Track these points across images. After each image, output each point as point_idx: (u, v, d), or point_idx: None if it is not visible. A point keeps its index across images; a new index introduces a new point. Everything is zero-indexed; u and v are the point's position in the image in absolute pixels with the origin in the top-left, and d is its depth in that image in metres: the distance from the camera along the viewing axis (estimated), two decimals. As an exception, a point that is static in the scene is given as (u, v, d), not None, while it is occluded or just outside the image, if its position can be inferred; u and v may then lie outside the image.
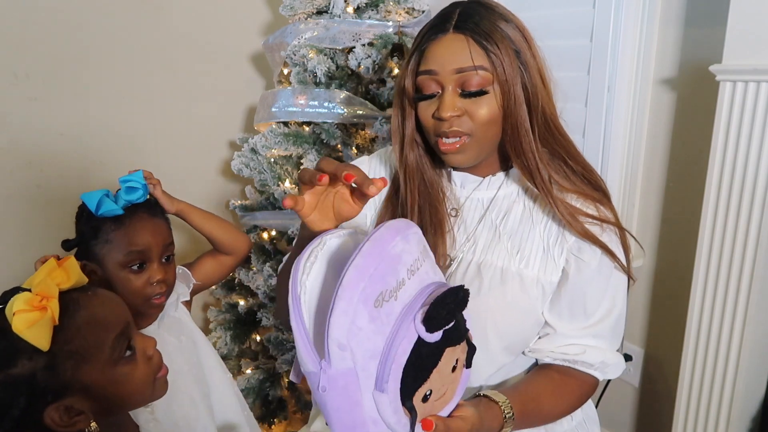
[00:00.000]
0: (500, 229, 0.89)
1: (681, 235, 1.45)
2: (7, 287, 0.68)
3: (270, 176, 1.75)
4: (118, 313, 0.69)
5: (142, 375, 0.70)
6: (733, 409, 1.24)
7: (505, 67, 0.81)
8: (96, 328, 0.66)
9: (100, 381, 0.66)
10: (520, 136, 0.83)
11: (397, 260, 0.62)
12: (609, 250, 0.85)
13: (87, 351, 0.65)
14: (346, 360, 0.57)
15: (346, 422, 0.61)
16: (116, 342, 0.67)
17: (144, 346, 0.71)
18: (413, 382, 0.60)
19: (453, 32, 0.82)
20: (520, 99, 0.82)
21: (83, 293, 0.67)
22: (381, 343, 0.59)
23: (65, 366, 0.63)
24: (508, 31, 0.82)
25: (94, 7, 1.77)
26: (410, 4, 1.69)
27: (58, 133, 1.79)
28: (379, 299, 0.58)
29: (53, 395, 0.64)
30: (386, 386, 0.58)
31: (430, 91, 0.84)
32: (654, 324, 1.57)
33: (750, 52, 1.09)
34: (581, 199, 0.87)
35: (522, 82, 0.82)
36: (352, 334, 0.57)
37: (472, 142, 0.84)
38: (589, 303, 0.87)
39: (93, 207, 0.91)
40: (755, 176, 1.12)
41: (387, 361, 0.58)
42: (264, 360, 1.89)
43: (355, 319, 0.57)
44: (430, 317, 0.59)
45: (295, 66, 1.73)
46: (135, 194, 0.94)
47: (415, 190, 0.90)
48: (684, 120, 1.43)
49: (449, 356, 0.65)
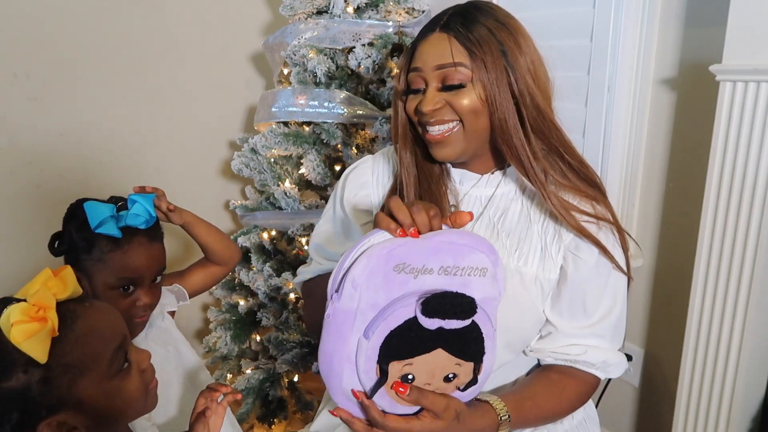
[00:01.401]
0: (498, 227, 0.90)
1: (681, 235, 1.45)
2: (7, 287, 0.67)
3: (270, 176, 1.75)
4: (116, 325, 0.68)
5: (136, 388, 0.68)
6: (733, 409, 1.24)
7: (487, 65, 0.83)
8: (94, 340, 0.64)
9: (96, 395, 0.64)
10: (510, 131, 0.85)
11: (435, 252, 0.68)
12: (604, 248, 0.86)
13: (84, 364, 0.63)
14: (353, 300, 0.66)
15: (328, 349, 0.69)
16: (114, 354, 0.66)
17: (138, 359, 0.70)
18: (394, 351, 0.68)
19: (439, 32, 0.86)
20: (505, 95, 0.84)
21: (80, 304, 0.65)
22: (384, 301, 0.66)
23: (62, 380, 0.61)
24: (496, 31, 0.84)
25: (94, 7, 1.77)
26: (410, 4, 1.69)
27: (58, 133, 1.79)
28: (399, 266, 0.66)
29: (47, 410, 0.61)
30: (370, 336, 0.66)
31: (415, 86, 0.88)
32: (654, 324, 1.57)
33: (750, 52, 1.09)
34: (578, 197, 0.88)
35: (508, 81, 0.84)
36: (366, 279, 0.65)
37: (460, 132, 0.86)
38: (589, 301, 0.88)
39: (93, 222, 0.89)
40: (755, 176, 1.12)
41: (380, 317, 0.66)
42: (264, 360, 1.89)
43: (374, 268, 0.65)
44: (426, 300, 0.65)
45: (295, 66, 1.73)
46: (138, 220, 0.92)
47: (411, 185, 0.92)
48: (684, 120, 1.42)
49: (443, 359, 0.70)
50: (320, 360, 0.70)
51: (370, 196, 1.00)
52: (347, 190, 1.01)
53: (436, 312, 0.65)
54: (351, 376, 0.69)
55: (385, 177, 1.01)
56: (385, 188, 0.99)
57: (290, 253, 1.83)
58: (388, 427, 0.71)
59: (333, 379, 0.70)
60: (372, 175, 1.01)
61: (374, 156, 1.05)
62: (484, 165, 0.93)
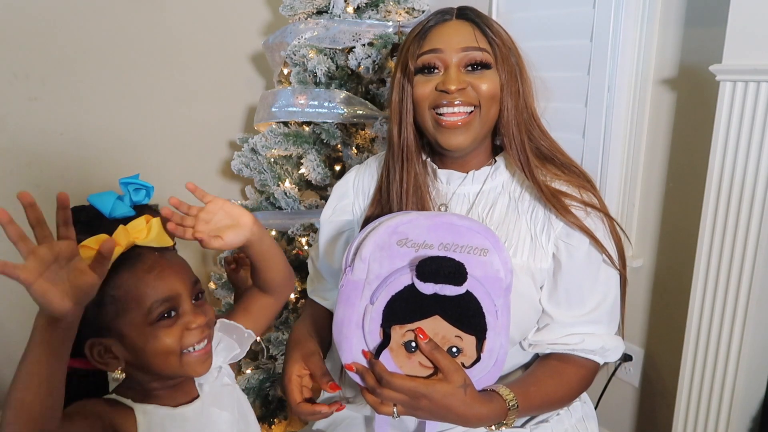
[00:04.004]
0: (487, 221, 0.93)
1: (681, 235, 1.45)
2: (7, 288, 0.68)
3: (270, 176, 1.75)
4: (173, 281, 0.72)
5: (171, 343, 0.71)
6: (733, 409, 1.24)
7: (504, 58, 0.90)
8: (142, 285, 0.70)
9: (133, 334, 0.70)
10: (512, 122, 0.90)
11: (435, 229, 0.76)
12: (594, 237, 0.87)
13: (128, 303, 0.69)
14: (362, 272, 0.77)
15: (339, 317, 0.79)
16: (158, 305, 0.70)
17: (189, 320, 0.72)
18: (396, 315, 0.76)
19: (457, 19, 0.92)
20: (515, 86, 0.91)
21: (152, 252, 0.72)
22: (387, 271, 0.76)
23: (109, 309, 0.69)
24: (500, 30, 0.93)
25: (93, 7, 1.77)
26: (410, 4, 1.69)
27: (58, 133, 1.79)
28: (402, 241, 0.76)
29: (95, 332, 0.70)
30: (375, 301, 0.76)
31: (431, 67, 0.90)
32: (654, 324, 1.57)
33: (750, 52, 1.09)
34: (565, 185, 0.91)
35: (515, 73, 0.91)
36: (372, 252, 0.76)
37: (476, 118, 0.89)
38: (585, 288, 0.90)
39: (106, 210, 0.83)
40: (755, 176, 1.12)
41: (383, 284, 0.76)
42: (264, 360, 1.89)
43: (380, 243, 0.76)
44: (420, 262, 0.73)
45: (295, 66, 1.73)
46: (140, 195, 0.91)
47: (411, 172, 0.94)
48: (684, 120, 1.42)
49: (442, 328, 0.76)
50: (333, 329, 0.79)
51: (350, 204, 1.04)
52: (330, 200, 1.06)
53: (429, 274, 0.72)
54: (359, 341, 0.77)
55: (367, 185, 1.04)
56: (366, 196, 1.03)
57: (290, 253, 1.83)
58: (394, 383, 0.75)
59: (344, 343, 0.78)
60: (352, 186, 1.05)
61: (360, 165, 1.09)
62: (476, 160, 0.96)
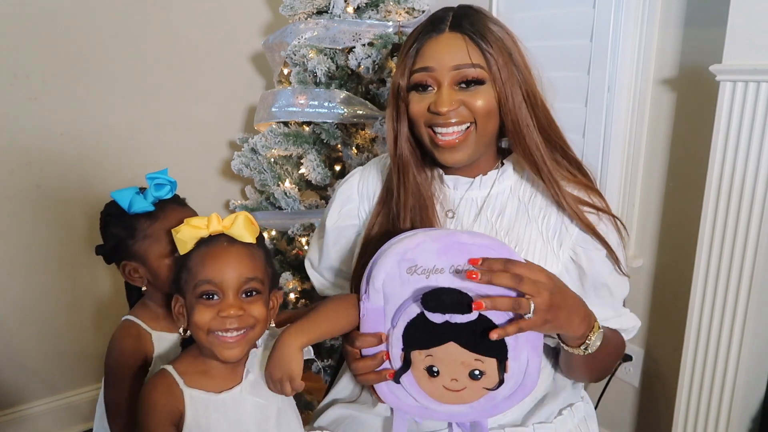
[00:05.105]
0: (496, 226, 0.91)
1: (681, 235, 1.45)
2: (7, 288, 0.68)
3: (270, 176, 1.75)
4: (225, 270, 0.76)
5: (201, 320, 0.75)
6: (733, 409, 1.24)
7: (500, 66, 0.84)
8: (200, 264, 0.76)
9: (188, 300, 0.77)
10: (522, 131, 0.86)
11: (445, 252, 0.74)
12: (609, 247, 0.87)
13: (189, 274, 0.77)
14: (379, 300, 0.77)
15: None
16: (202, 284, 0.75)
17: (223, 308, 0.75)
18: (414, 341, 0.76)
19: (449, 32, 0.86)
20: (518, 96, 0.86)
21: (225, 241, 0.77)
22: (400, 300, 0.76)
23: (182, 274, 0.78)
24: (498, 33, 0.86)
25: (93, 7, 1.77)
26: (410, 4, 1.69)
27: (58, 133, 1.79)
28: (411, 269, 0.75)
29: (177, 289, 0.79)
30: (395, 326, 0.77)
31: (425, 84, 0.87)
32: (654, 324, 1.57)
33: (750, 53, 1.09)
34: (577, 188, 0.90)
35: (518, 81, 0.86)
36: (386, 285, 0.76)
37: (472, 135, 0.87)
38: (612, 285, 0.90)
39: (125, 204, 0.90)
40: (755, 176, 1.12)
41: (401, 310, 0.76)
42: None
43: (389, 273, 0.76)
44: (423, 296, 0.72)
45: (295, 66, 1.73)
46: (163, 190, 0.94)
47: (408, 185, 0.92)
48: (684, 120, 1.42)
49: (459, 353, 0.75)
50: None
51: (356, 209, 1.01)
52: (334, 205, 1.03)
53: (434, 307, 0.71)
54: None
55: (372, 188, 1.01)
56: (371, 200, 1.00)
57: (290, 253, 1.83)
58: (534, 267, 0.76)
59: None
60: (357, 190, 1.02)
61: (364, 168, 1.05)
62: (482, 167, 0.94)
